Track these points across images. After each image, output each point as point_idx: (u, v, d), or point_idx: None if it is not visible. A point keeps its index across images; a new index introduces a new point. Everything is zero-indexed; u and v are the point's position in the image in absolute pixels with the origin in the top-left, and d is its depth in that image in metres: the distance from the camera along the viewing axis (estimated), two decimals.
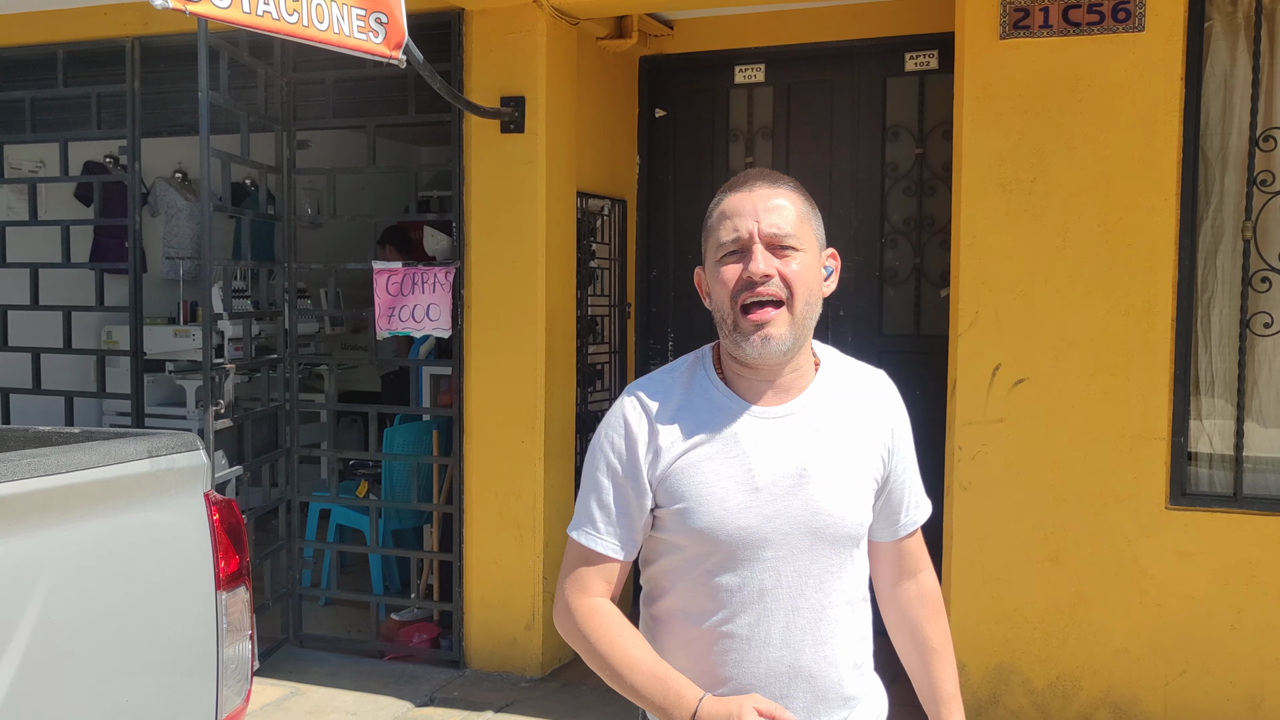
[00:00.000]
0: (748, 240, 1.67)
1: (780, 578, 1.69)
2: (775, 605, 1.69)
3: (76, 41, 5.21)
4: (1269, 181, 3.90)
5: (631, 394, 1.76)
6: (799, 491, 1.68)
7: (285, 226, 4.99)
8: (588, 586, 1.72)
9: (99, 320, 6.58)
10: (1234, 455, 3.95)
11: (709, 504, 1.67)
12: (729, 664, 1.70)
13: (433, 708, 4.41)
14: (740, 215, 1.68)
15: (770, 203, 1.68)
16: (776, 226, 1.66)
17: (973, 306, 4.08)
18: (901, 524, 1.82)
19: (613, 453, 1.72)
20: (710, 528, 1.67)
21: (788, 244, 1.66)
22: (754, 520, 1.68)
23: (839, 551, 1.71)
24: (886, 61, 5.07)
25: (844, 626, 1.74)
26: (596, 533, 1.72)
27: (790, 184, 1.73)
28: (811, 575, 1.70)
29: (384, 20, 3.34)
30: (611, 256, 5.36)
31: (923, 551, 1.87)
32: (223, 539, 2.44)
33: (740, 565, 1.69)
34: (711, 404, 1.73)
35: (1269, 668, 3.84)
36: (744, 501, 1.68)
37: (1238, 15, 3.94)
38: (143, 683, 2.29)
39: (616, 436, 1.73)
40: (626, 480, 1.71)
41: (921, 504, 1.85)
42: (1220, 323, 3.98)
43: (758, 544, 1.68)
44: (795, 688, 1.71)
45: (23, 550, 2.01)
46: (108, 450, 2.22)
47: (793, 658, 1.70)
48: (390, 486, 5.33)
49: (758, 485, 1.68)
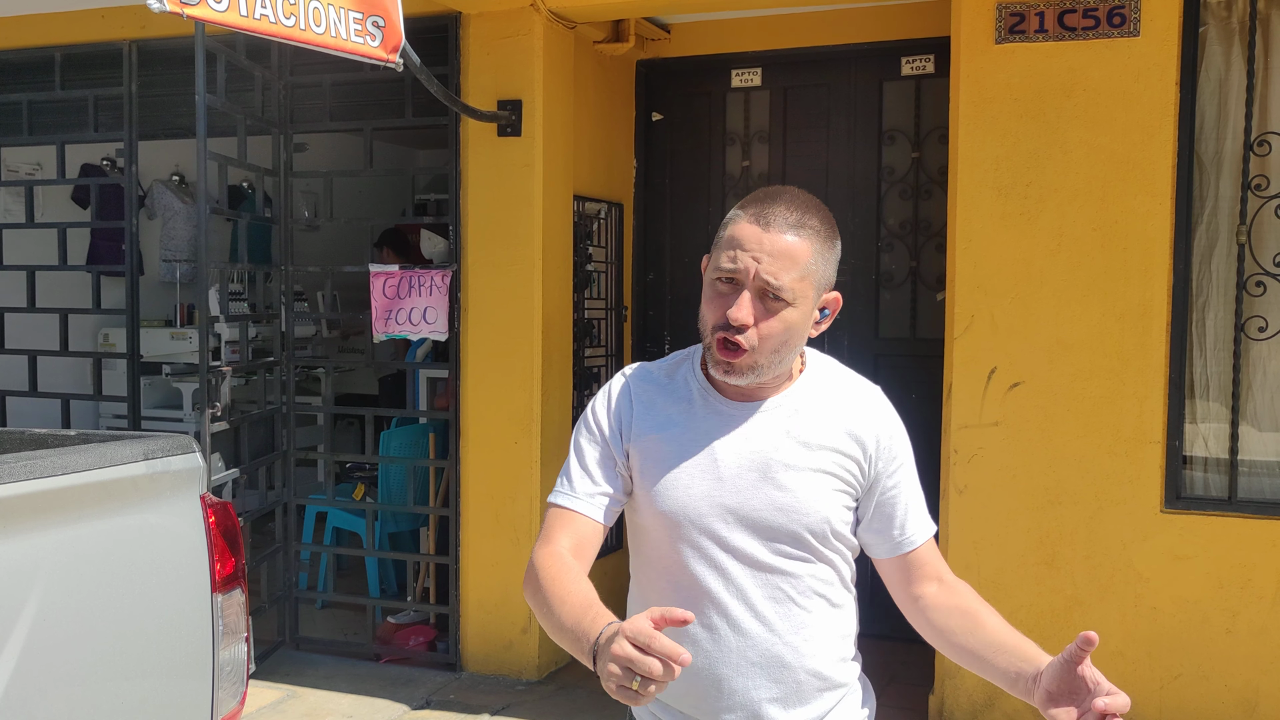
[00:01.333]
0: (741, 277, 1.66)
1: (745, 567, 1.72)
2: (741, 594, 1.72)
3: (74, 44, 5.22)
4: (1263, 186, 3.91)
5: (621, 374, 1.86)
6: (762, 485, 1.72)
7: (282, 229, 5.00)
8: (551, 538, 1.73)
9: (96, 323, 6.57)
10: (1229, 459, 3.96)
11: (673, 489, 1.73)
12: (699, 652, 1.72)
13: (429, 710, 4.41)
14: (744, 249, 1.65)
15: (778, 246, 1.64)
16: (773, 276, 1.64)
17: (968, 310, 4.09)
18: (897, 540, 1.78)
19: (593, 420, 1.80)
20: (672, 511, 1.72)
21: (780, 296, 1.65)
22: (715, 509, 1.72)
23: (804, 545, 1.73)
24: (883, 66, 5.08)
25: (816, 618, 1.75)
26: (568, 491, 1.76)
27: (814, 220, 1.68)
28: (776, 567, 1.72)
29: (381, 24, 3.34)
30: (608, 260, 5.36)
31: (937, 560, 1.81)
32: (218, 542, 2.45)
33: (704, 552, 1.72)
34: (689, 395, 1.79)
35: (1264, 671, 3.84)
36: (706, 489, 1.72)
37: (1232, 20, 3.95)
38: (138, 685, 2.29)
39: (599, 406, 1.82)
40: (601, 445, 1.78)
41: (920, 524, 1.79)
42: (1215, 327, 3.99)
43: (720, 532, 1.72)
44: (766, 676, 1.72)
45: (18, 553, 2.01)
46: (104, 453, 2.22)
47: (764, 647, 1.72)
48: (387, 489, 5.33)
49: (721, 475, 1.72)
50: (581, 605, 1.55)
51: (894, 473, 1.78)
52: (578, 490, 1.75)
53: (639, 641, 1.36)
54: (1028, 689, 1.63)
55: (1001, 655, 1.70)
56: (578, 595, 1.58)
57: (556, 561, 1.67)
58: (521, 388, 4.65)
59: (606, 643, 1.42)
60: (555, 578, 1.63)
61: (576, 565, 1.68)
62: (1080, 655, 1.52)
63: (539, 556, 1.70)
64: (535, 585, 1.66)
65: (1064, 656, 1.55)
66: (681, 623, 1.40)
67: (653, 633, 1.36)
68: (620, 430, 1.78)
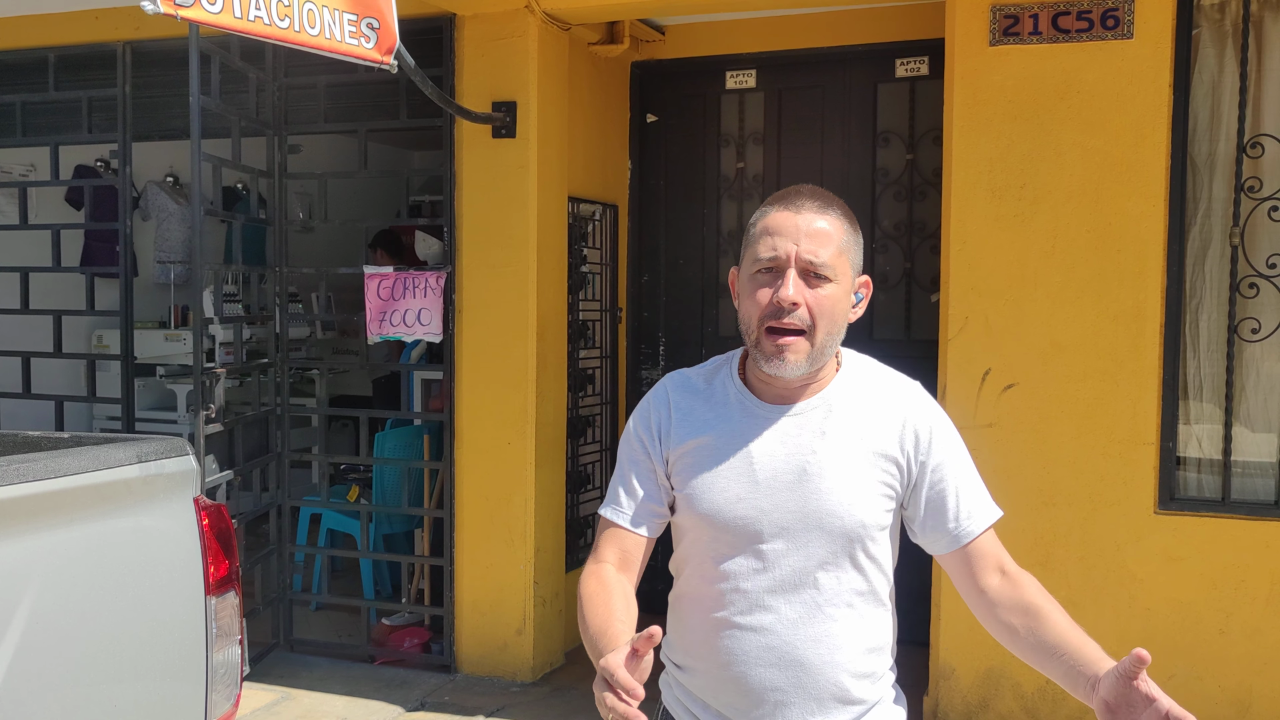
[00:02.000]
0: (784, 262, 1.69)
1: (777, 570, 1.73)
2: (771, 597, 1.73)
3: (67, 45, 5.21)
4: (1256, 188, 3.92)
5: (660, 383, 1.89)
6: (798, 487, 1.73)
7: (276, 231, 4.99)
8: (600, 554, 1.82)
9: (89, 324, 6.56)
10: (1222, 460, 3.97)
11: (711, 491, 1.75)
12: (726, 649, 1.74)
13: (423, 712, 4.40)
14: (781, 235, 1.70)
15: (813, 227, 1.70)
16: (814, 254, 1.69)
17: (962, 311, 4.10)
18: (954, 533, 1.77)
19: (634, 435, 1.85)
20: (709, 513, 1.75)
21: (822, 273, 1.69)
22: (751, 511, 1.73)
23: (840, 550, 1.73)
24: (877, 67, 5.08)
25: (845, 626, 1.74)
26: (616, 506, 1.83)
27: (838, 208, 1.75)
28: (807, 571, 1.72)
29: (375, 25, 3.34)
30: (603, 261, 5.36)
31: (998, 550, 1.78)
32: (212, 544, 2.44)
33: (739, 554, 1.74)
34: (726, 399, 1.81)
35: (1257, 671, 3.85)
36: (743, 492, 1.74)
37: (1225, 23, 3.96)
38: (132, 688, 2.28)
39: (640, 419, 1.86)
40: (643, 459, 1.83)
41: (976, 512, 1.77)
42: (1208, 328, 4.00)
43: (755, 535, 1.73)
44: (790, 679, 1.73)
45: (12, 555, 2.01)
46: (97, 455, 2.22)
47: (787, 649, 1.72)
48: (381, 491, 5.33)
49: (758, 478, 1.74)
50: (598, 631, 1.66)
51: (940, 465, 1.77)
52: (622, 504, 1.83)
53: (607, 673, 1.46)
54: (1086, 693, 1.63)
55: (1063, 656, 1.68)
56: (599, 619, 1.68)
57: (594, 580, 1.76)
58: (516, 389, 4.65)
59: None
60: (589, 598, 1.73)
61: (615, 580, 1.76)
62: (1134, 671, 1.50)
63: (583, 577, 1.79)
64: (578, 604, 1.76)
65: (1119, 670, 1.54)
66: (649, 640, 1.46)
67: (616, 667, 1.45)
68: (659, 440, 1.82)
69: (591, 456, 5.35)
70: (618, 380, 5.53)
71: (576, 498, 5.19)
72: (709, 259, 5.44)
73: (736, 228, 5.40)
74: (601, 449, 5.43)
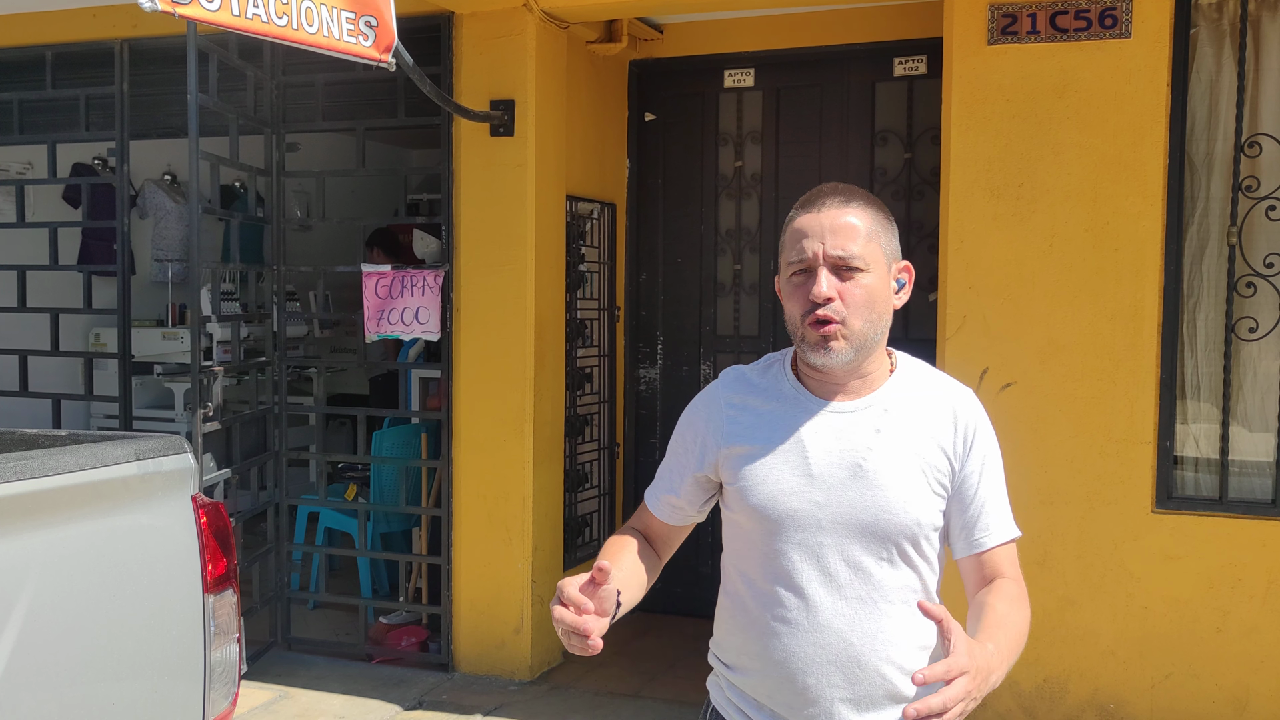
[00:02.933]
0: (813, 261, 1.74)
1: (830, 565, 1.74)
2: (825, 592, 1.73)
3: (65, 43, 5.20)
4: (1254, 187, 3.93)
5: (717, 381, 1.94)
6: (853, 484, 1.74)
7: (274, 229, 4.99)
8: (630, 524, 1.96)
9: (87, 323, 6.55)
10: (1219, 459, 3.97)
11: (764, 484, 1.77)
12: (778, 646, 1.75)
13: (421, 711, 4.40)
14: (809, 236, 1.75)
15: (838, 223, 1.74)
16: (841, 248, 1.73)
17: (960, 310, 4.10)
18: (972, 538, 1.79)
19: (686, 426, 1.91)
20: (762, 505, 1.76)
21: (853, 265, 1.73)
22: (805, 505, 1.75)
23: (893, 547, 1.74)
24: (875, 66, 5.09)
25: (898, 624, 1.74)
26: (653, 491, 1.93)
27: (861, 200, 1.78)
28: (862, 567, 1.73)
29: (374, 23, 3.34)
30: (601, 260, 5.36)
31: (1009, 564, 1.81)
32: (210, 542, 2.44)
33: (792, 549, 1.75)
34: (781, 395, 1.84)
35: (1254, 670, 3.86)
36: (796, 485, 1.76)
37: (1223, 22, 3.96)
38: (129, 686, 2.28)
39: (693, 413, 1.91)
40: (686, 453, 1.89)
41: (995, 526, 1.79)
42: (1206, 327, 4.00)
43: (809, 529, 1.74)
44: (841, 675, 1.73)
45: (9, 553, 2.00)
46: (95, 453, 2.22)
47: (840, 646, 1.73)
48: (379, 490, 5.33)
49: (813, 473, 1.75)
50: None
51: (976, 470, 1.80)
52: (659, 494, 1.92)
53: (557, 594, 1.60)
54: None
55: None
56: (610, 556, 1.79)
57: (615, 541, 1.89)
58: (514, 388, 4.65)
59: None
60: (608, 547, 1.86)
61: (635, 540, 1.89)
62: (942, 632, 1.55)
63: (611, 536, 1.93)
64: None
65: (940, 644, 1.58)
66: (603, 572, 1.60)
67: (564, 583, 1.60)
68: (710, 436, 1.85)
69: (589, 455, 5.35)
70: (615, 379, 5.53)
71: (574, 496, 5.19)
72: (707, 258, 5.44)
73: (734, 226, 5.40)
74: (599, 448, 5.43)
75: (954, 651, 1.51)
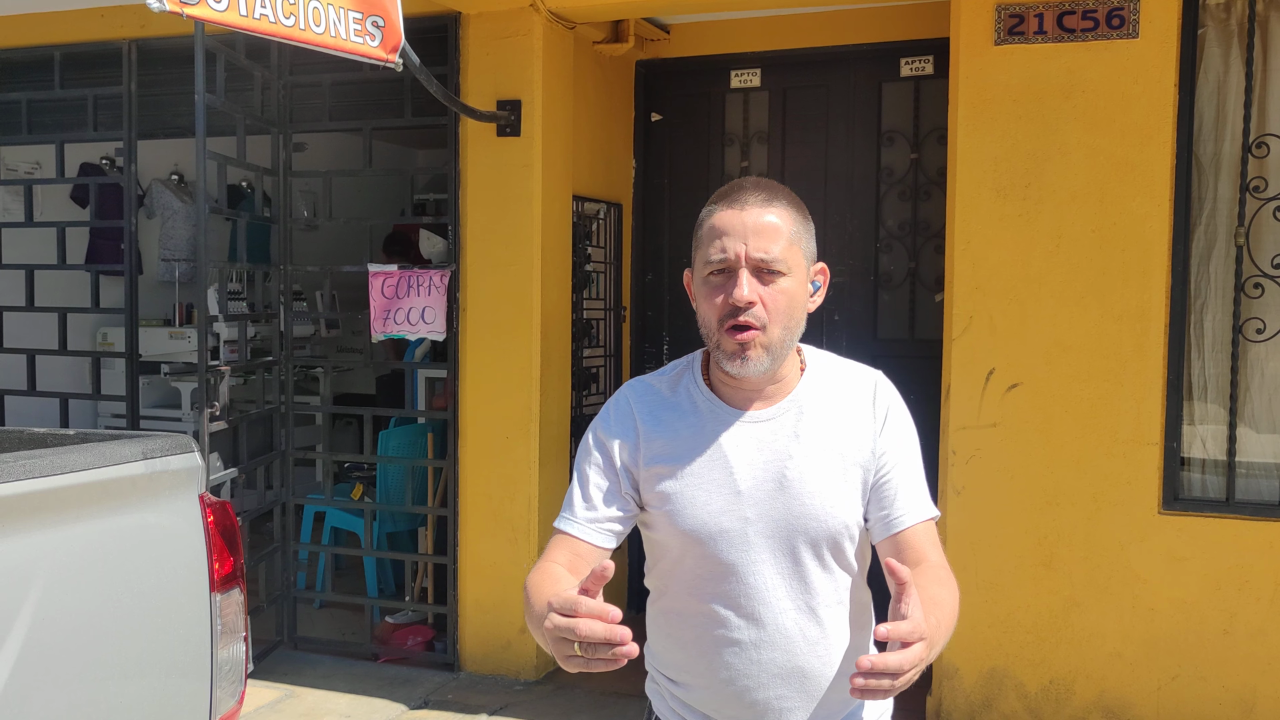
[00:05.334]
0: (734, 263, 1.66)
1: (765, 579, 1.71)
2: (763, 606, 1.71)
3: (73, 43, 5.21)
4: (1262, 188, 3.92)
5: (622, 392, 1.82)
6: (779, 494, 1.70)
7: (281, 229, 5.00)
8: (547, 557, 1.74)
9: (94, 322, 6.57)
10: (1226, 460, 3.96)
11: (692, 506, 1.71)
12: (722, 665, 1.73)
13: (427, 710, 4.41)
14: (729, 235, 1.67)
15: (760, 223, 1.67)
16: (764, 250, 1.66)
17: (967, 311, 4.10)
18: (889, 519, 1.72)
19: (594, 443, 1.78)
20: (693, 529, 1.70)
21: (775, 269, 1.66)
22: (736, 523, 1.70)
23: (825, 552, 1.72)
24: (882, 67, 5.08)
25: (837, 627, 1.74)
26: (569, 517, 1.75)
27: (784, 199, 1.71)
28: (797, 576, 1.71)
29: (381, 23, 3.34)
30: (607, 260, 5.36)
31: (928, 547, 1.72)
32: (217, 541, 2.45)
33: (725, 567, 1.71)
34: (695, 408, 1.77)
35: (1261, 672, 3.85)
36: (725, 504, 1.71)
37: (1231, 22, 3.95)
38: (137, 684, 2.29)
39: (601, 429, 1.79)
40: (604, 468, 1.76)
41: (912, 505, 1.72)
42: (1213, 328, 3.99)
43: (740, 545, 1.70)
44: (789, 686, 1.72)
45: (18, 551, 2.01)
46: (103, 452, 2.22)
47: (785, 658, 1.71)
48: (385, 489, 5.33)
49: (739, 489, 1.71)
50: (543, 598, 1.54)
51: (888, 450, 1.74)
52: (578, 516, 1.75)
53: (565, 609, 1.39)
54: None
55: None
56: (550, 589, 1.58)
57: (541, 572, 1.68)
58: (520, 388, 4.65)
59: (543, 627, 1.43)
60: (538, 584, 1.64)
61: (564, 573, 1.68)
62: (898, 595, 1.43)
63: (530, 575, 1.69)
64: (525, 599, 1.67)
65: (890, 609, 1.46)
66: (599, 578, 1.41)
67: (577, 598, 1.39)
68: (625, 451, 1.75)
69: None
70: (621, 379, 5.53)
71: None
72: None
73: None
74: None
75: (911, 616, 1.40)
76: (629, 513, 1.76)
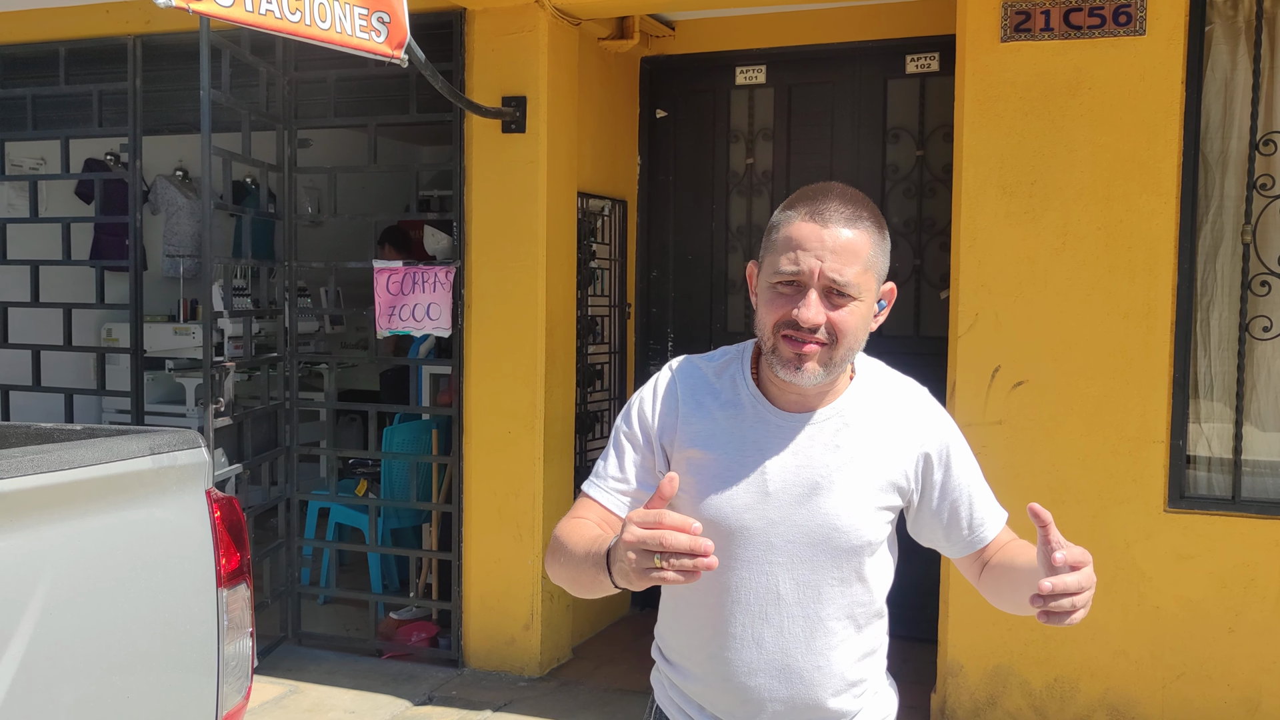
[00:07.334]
0: (806, 279, 1.61)
1: (779, 584, 1.70)
2: (772, 610, 1.71)
3: (78, 39, 5.22)
4: (1269, 185, 3.91)
5: (668, 369, 1.81)
6: (808, 502, 1.69)
7: (286, 225, 5.00)
8: (578, 514, 1.76)
9: (99, 318, 6.58)
10: (1233, 459, 3.95)
11: (717, 498, 1.70)
12: (726, 660, 1.73)
13: (431, 706, 4.41)
14: (805, 249, 1.61)
15: (840, 241, 1.61)
16: (839, 273, 1.60)
17: (972, 308, 4.09)
18: (967, 539, 1.78)
19: (636, 415, 1.78)
20: (715, 519, 1.69)
21: (846, 292, 1.61)
22: (759, 522, 1.70)
23: (843, 565, 1.71)
24: (887, 63, 5.07)
25: (842, 640, 1.74)
26: (600, 483, 1.77)
27: (867, 217, 1.65)
28: (811, 585, 1.71)
29: (386, 19, 3.34)
30: (612, 257, 5.36)
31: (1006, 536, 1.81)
32: (224, 536, 2.45)
33: (740, 565, 1.71)
34: (738, 400, 1.75)
35: (1267, 671, 3.84)
36: (751, 502, 1.70)
37: (1238, 19, 3.94)
38: (144, 679, 2.29)
39: (644, 402, 1.78)
40: (639, 441, 1.76)
41: (989, 519, 1.79)
42: (1219, 326, 3.99)
43: (760, 546, 1.70)
44: (789, 690, 1.72)
45: (25, 547, 2.01)
46: (110, 447, 2.22)
47: (789, 661, 1.72)
48: (389, 485, 5.34)
49: (768, 490, 1.70)
50: (595, 536, 1.61)
51: (956, 485, 1.76)
52: (609, 484, 1.77)
53: (648, 522, 1.41)
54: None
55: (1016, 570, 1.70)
56: (592, 531, 1.64)
57: (575, 521, 1.72)
58: (525, 384, 4.65)
59: (619, 542, 1.45)
60: (573, 529, 1.68)
61: (595, 527, 1.71)
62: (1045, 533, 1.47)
63: (560, 524, 1.73)
64: (555, 544, 1.69)
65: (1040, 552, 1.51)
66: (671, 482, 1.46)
67: (660, 511, 1.41)
68: (664, 429, 1.75)
69: (600, 452, 5.34)
70: (626, 376, 5.52)
71: None
72: (718, 255, 5.43)
73: (746, 223, 5.40)
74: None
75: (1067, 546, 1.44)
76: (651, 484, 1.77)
